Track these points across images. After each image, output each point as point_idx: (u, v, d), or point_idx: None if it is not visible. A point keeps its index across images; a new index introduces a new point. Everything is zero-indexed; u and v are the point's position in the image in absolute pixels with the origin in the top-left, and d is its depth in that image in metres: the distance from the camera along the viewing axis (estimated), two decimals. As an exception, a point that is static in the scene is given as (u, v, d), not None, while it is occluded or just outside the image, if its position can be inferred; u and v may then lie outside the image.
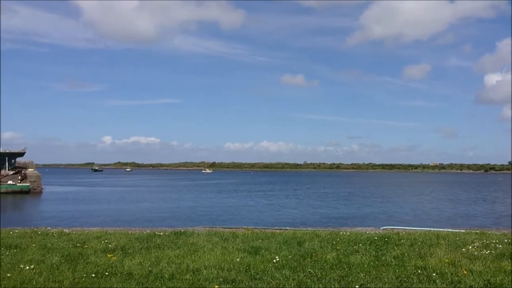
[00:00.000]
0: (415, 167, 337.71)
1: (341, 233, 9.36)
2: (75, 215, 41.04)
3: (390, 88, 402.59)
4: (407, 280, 5.69)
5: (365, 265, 6.39)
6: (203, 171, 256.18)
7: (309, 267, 6.27)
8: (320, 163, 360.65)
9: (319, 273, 5.95)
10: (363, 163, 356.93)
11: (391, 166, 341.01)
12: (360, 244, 7.97)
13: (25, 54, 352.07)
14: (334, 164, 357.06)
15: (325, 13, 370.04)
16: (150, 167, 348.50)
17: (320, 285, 5.50)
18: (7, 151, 79.57)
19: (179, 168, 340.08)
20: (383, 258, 6.90)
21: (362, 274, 5.90)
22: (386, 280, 5.68)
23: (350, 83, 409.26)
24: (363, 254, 7.14)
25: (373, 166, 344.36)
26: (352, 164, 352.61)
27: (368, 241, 8.31)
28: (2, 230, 9.56)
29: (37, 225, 11.88)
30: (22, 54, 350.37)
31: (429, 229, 10.83)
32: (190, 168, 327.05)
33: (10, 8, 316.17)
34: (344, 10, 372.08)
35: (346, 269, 6.16)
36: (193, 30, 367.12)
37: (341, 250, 7.45)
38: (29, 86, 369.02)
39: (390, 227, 11.81)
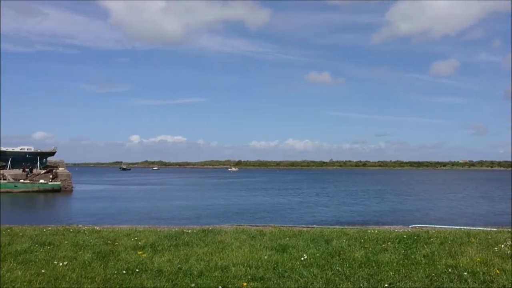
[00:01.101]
0: (444, 164, 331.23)
1: (369, 231, 9.27)
2: (105, 213, 41.78)
3: (417, 84, 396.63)
4: (437, 279, 5.60)
5: (394, 264, 6.32)
6: (228, 169, 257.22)
7: (337, 265, 6.25)
8: (346, 161, 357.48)
9: (347, 271, 5.92)
10: (390, 161, 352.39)
11: (419, 164, 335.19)
12: (389, 243, 7.88)
13: (55, 55, 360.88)
14: (360, 162, 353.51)
15: (351, 10, 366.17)
16: (177, 166, 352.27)
17: (349, 283, 5.47)
18: (39, 150, 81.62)
19: (205, 166, 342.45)
20: (412, 256, 6.81)
21: (391, 273, 5.85)
22: (416, 279, 5.61)
23: (376, 80, 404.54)
24: (392, 253, 7.06)
25: (400, 164, 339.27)
26: (379, 161, 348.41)
27: (396, 239, 8.22)
28: (36, 227, 9.84)
29: (69, 223, 12.19)
30: (52, 55, 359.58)
31: (460, 227, 10.63)
32: (216, 167, 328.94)
33: (40, 11, 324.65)
34: (369, 6, 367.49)
35: (375, 268, 6.11)
36: (219, 29, 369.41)
37: (369, 248, 7.39)
38: (59, 87, 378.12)
39: (419, 225, 11.64)
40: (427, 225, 11.67)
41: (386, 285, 5.39)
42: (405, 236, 8.50)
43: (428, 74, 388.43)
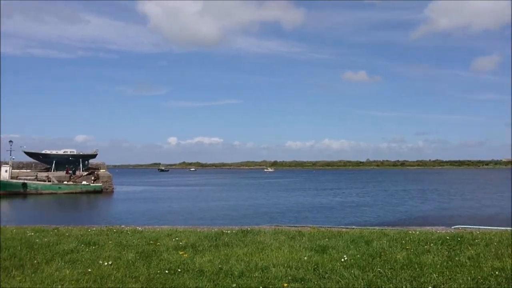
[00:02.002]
0: (486, 163, 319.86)
1: (410, 232, 9.09)
2: (146, 213, 42.69)
3: (458, 81, 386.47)
4: (484, 282, 5.44)
5: (438, 266, 6.18)
6: (265, 170, 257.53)
7: (378, 266, 6.16)
8: (383, 160, 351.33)
9: (389, 273, 5.84)
10: (429, 160, 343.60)
11: (460, 163, 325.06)
12: (431, 244, 7.70)
13: (95, 60, 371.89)
14: (398, 161, 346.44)
15: (387, 7, 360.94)
16: (213, 167, 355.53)
17: (391, 285, 5.39)
18: (81, 153, 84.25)
19: (241, 167, 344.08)
20: (456, 258, 6.63)
21: (435, 275, 5.72)
22: (461, 281, 5.47)
23: (415, 77, 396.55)
24: (435, 254, 6.90)
25: (440, 163, 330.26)
26: (417, 161, 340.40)
27: (439, 240, 8.02)
28: (81, 227, 10.16)
29: (112, 223, 12.51)
30: (92, 61, 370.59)
31: (506, 228, 10.26)
32: (252, 167, 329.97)
33: (82, 18, 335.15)
34: (407, 3, 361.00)
35: (418, 270, 5.99)
36: (255, 31, 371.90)
37: (411, 250, 7.25)
38: (99, 91, 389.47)
39: (462, 226, 11.31)
40: (470, 226, 11.31)
41: (430, 287, 5.28)
42: (448, 238, 8.29)
43: (469, 70, 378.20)
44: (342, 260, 6.51)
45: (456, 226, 11.02)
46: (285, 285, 5.40)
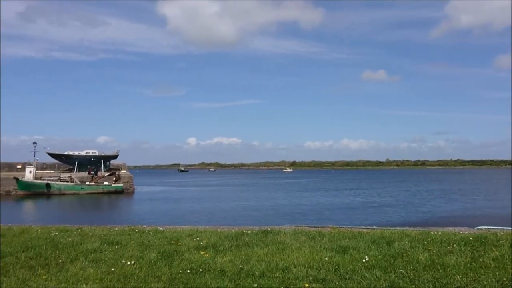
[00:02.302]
0: (509, 162, 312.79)
1: (432, 232, 8.98)
2: (167, 213, 43.04)
3: (479, 79, 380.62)
4: (509, 284, 5.35)
5: (461, 267, 6.10)
6: (283, 170, 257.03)
7: (400, 267, 6.11)
8: (403, 160, 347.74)
9: (411, 274, 5.79)
10: (451, 160, 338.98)
11: (482, 162, 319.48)
12: (454, 245, 7.60)
13: (115, 63, 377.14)
14: (419, 161, 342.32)
15: (406, 6, 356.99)
16: (232, 167, 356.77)
17: (414, 286, 5.35)
18: (103, 154, 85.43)
19: (260, 167, 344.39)
20: (480, 260, 6.53)
21: (458, 276, 5.65)
22: (485, 283, 5.39)
23: (435, 76, 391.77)
24: (458, 255, 6.81)
25: (461, 163, 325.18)
26: (438, 161, 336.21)
27: (462, 241, 7.91)
28: (103, 227, 10.31)
29: (133, 223, 12.66)
30: (112, 63, 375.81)
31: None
32: (271, 168, 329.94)
33: (103, 21, 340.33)
34: (426, 2, 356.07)
35: (441, 271, 5.93)
36: (273, 31, 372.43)
37: (434, 251, 7.16)
38: (120, 92, 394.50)
39: (486, 227, 11.11)
40: (494, 227, 11.11)
41: (453, 289, 5.22)
42: (471, 238, 8.16)
43: (491, 68, 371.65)
44: (364, 260, 6.48)
45: (479, 227, 10.84)
46: (306, 285, 5.40)
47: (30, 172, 66.28)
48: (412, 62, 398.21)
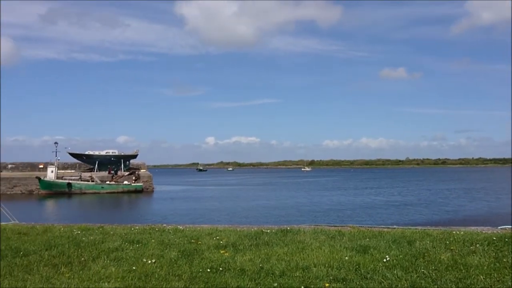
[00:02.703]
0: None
1: (454, 232, 8.84)
2: (186, 212, 43.31)
3: (501, 76, 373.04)
4: (534, 285, 5.24)
5: (485, 267, 5.99)
6: (302, 169, 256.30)
7: (422, 267, 6.04)
8: (424, 159, 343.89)
9: (433, 274, 5.71)
10: (472, 158, 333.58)
11: (504, 161, 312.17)
12: (477, 245, 7.47)
13: (135, 63, 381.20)
14: (439, 159, 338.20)
15: (425, 3, 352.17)
16: (251, 166, 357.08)
17: (436, 286, 5.28)
18: (122, 153, 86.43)
19: (278, 166, 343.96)
20: (504, 260, 6.41)
21: (482, 277, 5.55)
22: (510, 283, 5.29)
23: (456, 73, 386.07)
24: (481, 255, 6.69)
25: (483, 161, 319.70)
26: (459, 159, 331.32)
27: (485, 241, 7.76)
28: (124, 226, 10.43)
29: (153, 222, 12.78)
30: (132, 63, 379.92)
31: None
32: (289, 167, 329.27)
33: (122, 22, 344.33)
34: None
35: (464, 271, 5.83)
36: (291, 30, 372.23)
37: (456, 251, 7.05)
38: (139, 93, 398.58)
39: (510, 226, 10.89)
40: (518, 226, 10.89)
41: (477, 289, 5.13)
42: (494, 238, 8.01)
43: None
44: (384, 260, 6.42)
45: (503, 227, 10.63)
46: (327, 285, 5.38)
47: (52, 171, 67.45)
48: (433, 59, 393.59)
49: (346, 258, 6.59)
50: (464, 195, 60.66)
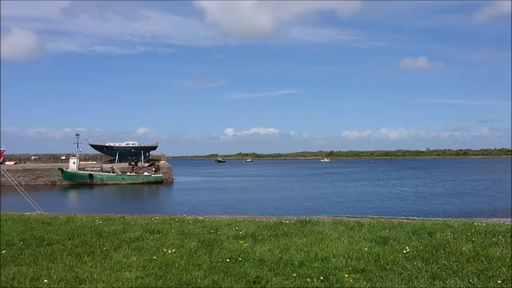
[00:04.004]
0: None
1: (475, 224, 8.71)
2: (205, 203, 43.64)
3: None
4: (558, 277, 5.14)
5: (507, 259, 5.89)
6: (321, 160, 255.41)
7: (443, 259, 5.97)
8: (445, 149, 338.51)
9: (454, 266, 5.65)
10: (495, 149, 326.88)
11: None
12: (500, 236, 7.35)
13: (155, 55, 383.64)
14: (461, 150, 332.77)
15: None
16: (269, 157, 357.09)
17: (457, 278, 5.22)
18: (142, 145, 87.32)
19: (297, 157, 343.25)
20: (527, 252, 6.30)
21: (504, 269, 5.47)
22: (533, 275, 5.20)
23: (479, 62, 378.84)
24: (503, 247, 6.58)
25: (506, 152, 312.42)
26: (481, 150, 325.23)
27: (508, 233, 7.64)
28: (145, 216, 10.58)
29: (173, 213, 12.89)
30: (152, 56, 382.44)
31: None
32: (308, 158, 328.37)
33: (143, 15, 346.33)
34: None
35: (485, 263, 5.76)
36: (311, 20, 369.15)
37: (478, 242, 6.95)
38: (159, 84, 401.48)
39: (534, 218, 10.70)
40: (543, 218, 10.69)
41: (499, 281, 5.06)
42: (517, 230, 7.88)
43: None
44: (404, 251, 6.37)
45: (526, 218, 10.45)
46: (346, 275, 5.37)
47: (74, 163, 68.62)
48: (456, 48, 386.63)
49: (366, 249, 6.56)
50: (492, 187, 59.73)
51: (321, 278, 5.29)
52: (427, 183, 67.74)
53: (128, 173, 71.20)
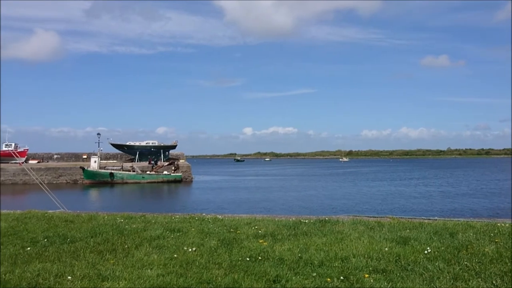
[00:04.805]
0: None
1: (498, 224, 8.57)
2: (224, 202, 43.79)
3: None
4: None
5: (532, 261, 5.80)
6: (340, 159, 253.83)
7: (465, 260, 5.90)
8: (466, 149, 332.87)
9: (477, 267, 5.57)
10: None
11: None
12: (524, 237, 7.22)
13: (174, 55, 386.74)
14: (482, 149, 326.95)
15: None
16: (288, 157, 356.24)
17: (479, 279, 5.15)
18: (162, 144, 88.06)
19: (316, 157, 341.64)
20: (552, 253, 6.18)
21: (528, 270, 5.37)
22: (558, 278, 5.09)
23: (502, 60, 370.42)
24: (528, 249, 6.47)
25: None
26: (504, 149, 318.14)
27: (532, 234, 7.50)
28: (165, 215, 10.67)
29: (193, 211, 13.01)
30: (171, 55, 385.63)
31: None
32: (326, 157, 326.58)
33: (164, 15, 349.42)
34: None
35: (509, 264, 5.66)
36: (330, 19, 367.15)
37: (501, 243, 6.84)
38: (178, 84, 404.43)
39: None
40: None
41: (523, 283, 4.97)
42: (542, 231, 7.72)
43: None
44: (425, 252, 6.31)
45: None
46: (366, 275, 5.34)
47: (95, 162, 69.58)
48: (478, 46, 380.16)
49: (386, 249, 6.52)
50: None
51: (341, 278, 5.28)
52: (451, 183, 66.77)
53: (148, 172, 71.93)
